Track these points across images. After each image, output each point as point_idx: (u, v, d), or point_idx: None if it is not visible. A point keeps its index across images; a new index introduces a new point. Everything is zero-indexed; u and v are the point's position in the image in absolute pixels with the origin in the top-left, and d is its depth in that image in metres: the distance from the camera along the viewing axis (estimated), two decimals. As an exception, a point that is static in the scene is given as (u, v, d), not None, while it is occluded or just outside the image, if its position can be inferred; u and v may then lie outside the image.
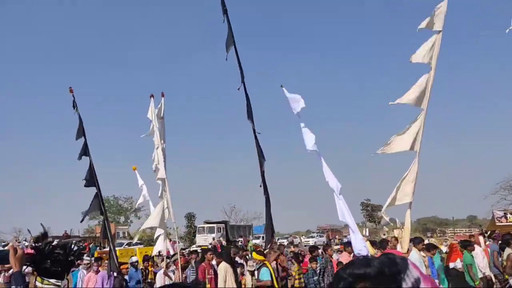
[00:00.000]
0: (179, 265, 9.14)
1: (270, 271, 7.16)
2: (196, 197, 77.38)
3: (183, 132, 74.79)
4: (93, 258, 15.55)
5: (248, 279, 8.19)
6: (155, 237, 9.92)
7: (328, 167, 7.73)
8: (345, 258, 9.89)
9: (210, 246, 29.25)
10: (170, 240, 12.33)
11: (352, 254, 8.99)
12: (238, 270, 8.81)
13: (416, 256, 7.55)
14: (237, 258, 10.22)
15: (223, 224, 37.88)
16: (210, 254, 8.60)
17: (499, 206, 37.82)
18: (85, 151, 8.78)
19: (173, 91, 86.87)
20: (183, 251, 20.37)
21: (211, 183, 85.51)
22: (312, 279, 9.01)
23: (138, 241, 33.69)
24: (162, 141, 9.91)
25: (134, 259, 9.91)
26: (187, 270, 9.58)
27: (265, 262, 7.39)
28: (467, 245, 9.73)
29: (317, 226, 56.63)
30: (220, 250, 12.37)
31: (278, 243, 15.12)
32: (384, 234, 43.26)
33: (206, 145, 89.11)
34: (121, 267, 8.09)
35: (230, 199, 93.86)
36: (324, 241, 43.07)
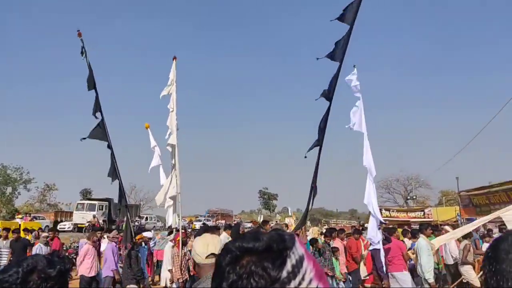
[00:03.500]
0: (180, 239, 8.63)
1: None
2: (93, 173, 72.73)
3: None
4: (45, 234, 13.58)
5: None
6: (166, 206, 8.85)
7: (370, 151, 7.39)
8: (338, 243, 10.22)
9: (88, 225, 27.73)
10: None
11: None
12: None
13: (424, 242, 7.89)
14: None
15: (107, 202, 34.43)
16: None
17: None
18: (97, 106, 7.66)
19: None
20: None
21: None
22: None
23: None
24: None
25: (149, 234, 8.72)
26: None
27: None
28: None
29: (208, 209, 57.16)
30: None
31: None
32: (276, 222, 45.81)
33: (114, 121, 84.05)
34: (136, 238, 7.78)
35: (132, 178, 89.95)
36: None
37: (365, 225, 20.04)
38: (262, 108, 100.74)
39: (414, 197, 40.51)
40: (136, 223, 31.76)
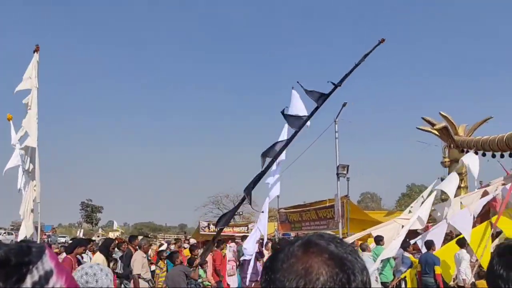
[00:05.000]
0: None
1: None
2: None
3: None
4: None
5: None
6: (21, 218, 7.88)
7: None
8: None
9: None
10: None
11: None
12: None
13: None
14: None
15: None
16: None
17: (206, 217, 43.73)
18: None
19: None
20: None
21: None
22: None
23: None
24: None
25: None
26: None
27: None
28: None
29: (12, 220, 48.54)
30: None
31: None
32: (98, 236, 42.17)
33: None
34: None
35: None
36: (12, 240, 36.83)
37: (191, 240, 20.09)
38: (90, 117, 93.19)
39: (241, 213, 43.14)
40: None
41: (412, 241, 9.95)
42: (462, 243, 9.01)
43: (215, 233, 28.53)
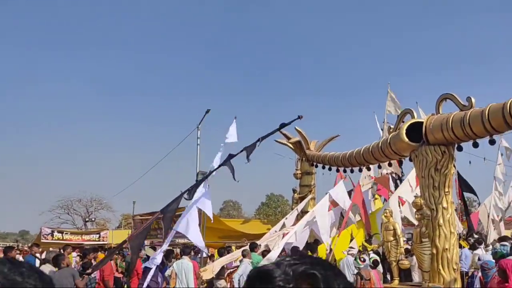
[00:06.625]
0: None
1: None
2: None
3: None
4: None
5: None
6: None
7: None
8: None
9: None
10: None
11: None
12: None
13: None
14: None
15: None
16: None
17: (52, 223, 38.86)
18: None
19: None
20: None
21: None
22: None
23: None
24: None
25: None
26: None
27: None
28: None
29: None
30: None
31: None
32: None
33: None
34: None
35: None
36: None
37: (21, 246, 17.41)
38: None
39: (94, 219, 39.64)
40: None
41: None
42: (312, 250, 10.18)
43: (58, 241, 25.39)
